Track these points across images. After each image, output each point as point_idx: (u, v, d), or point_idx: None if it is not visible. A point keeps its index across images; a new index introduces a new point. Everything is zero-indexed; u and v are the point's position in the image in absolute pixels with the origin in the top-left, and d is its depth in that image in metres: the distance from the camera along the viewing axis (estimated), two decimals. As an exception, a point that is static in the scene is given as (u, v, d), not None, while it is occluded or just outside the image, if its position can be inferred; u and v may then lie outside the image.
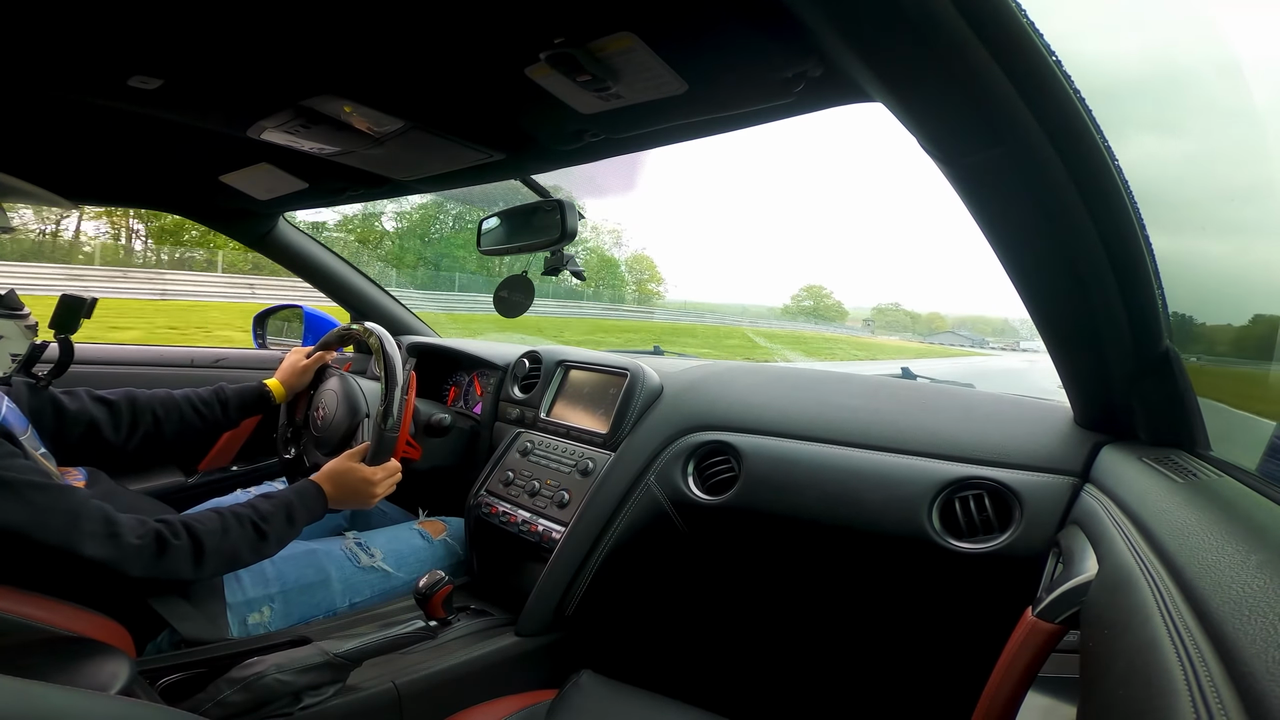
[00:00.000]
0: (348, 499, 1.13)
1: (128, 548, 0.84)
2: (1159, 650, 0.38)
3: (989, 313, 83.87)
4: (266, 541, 0.99)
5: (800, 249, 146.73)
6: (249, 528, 0.97)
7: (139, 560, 0.85)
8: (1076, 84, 0.54)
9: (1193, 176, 0.59)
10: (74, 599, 0.85)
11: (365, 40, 0.75)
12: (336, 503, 1.12)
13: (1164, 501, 0.60)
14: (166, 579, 0.89)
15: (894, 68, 0.57)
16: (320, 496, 1.09)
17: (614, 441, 1.31)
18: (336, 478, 1.12)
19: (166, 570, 0.87)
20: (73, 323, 1.16)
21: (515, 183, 1.26)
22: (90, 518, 0.83)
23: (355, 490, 1.13)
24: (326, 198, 1.53)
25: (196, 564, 0.90)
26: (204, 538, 0.92)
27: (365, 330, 1.28)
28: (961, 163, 0.63)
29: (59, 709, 0.41)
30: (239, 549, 0.96)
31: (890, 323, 67.40)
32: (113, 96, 0.93)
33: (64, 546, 0.80)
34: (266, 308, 2.08)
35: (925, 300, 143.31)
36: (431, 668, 1.04)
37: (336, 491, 1.12)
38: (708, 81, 0.76)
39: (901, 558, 1.01)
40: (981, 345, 43.97)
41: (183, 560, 0.89)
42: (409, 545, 1.30)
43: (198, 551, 0.91)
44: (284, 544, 1.03)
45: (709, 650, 1.35)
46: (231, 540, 0.95)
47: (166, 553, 0.88)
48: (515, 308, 1.24)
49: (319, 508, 1.09)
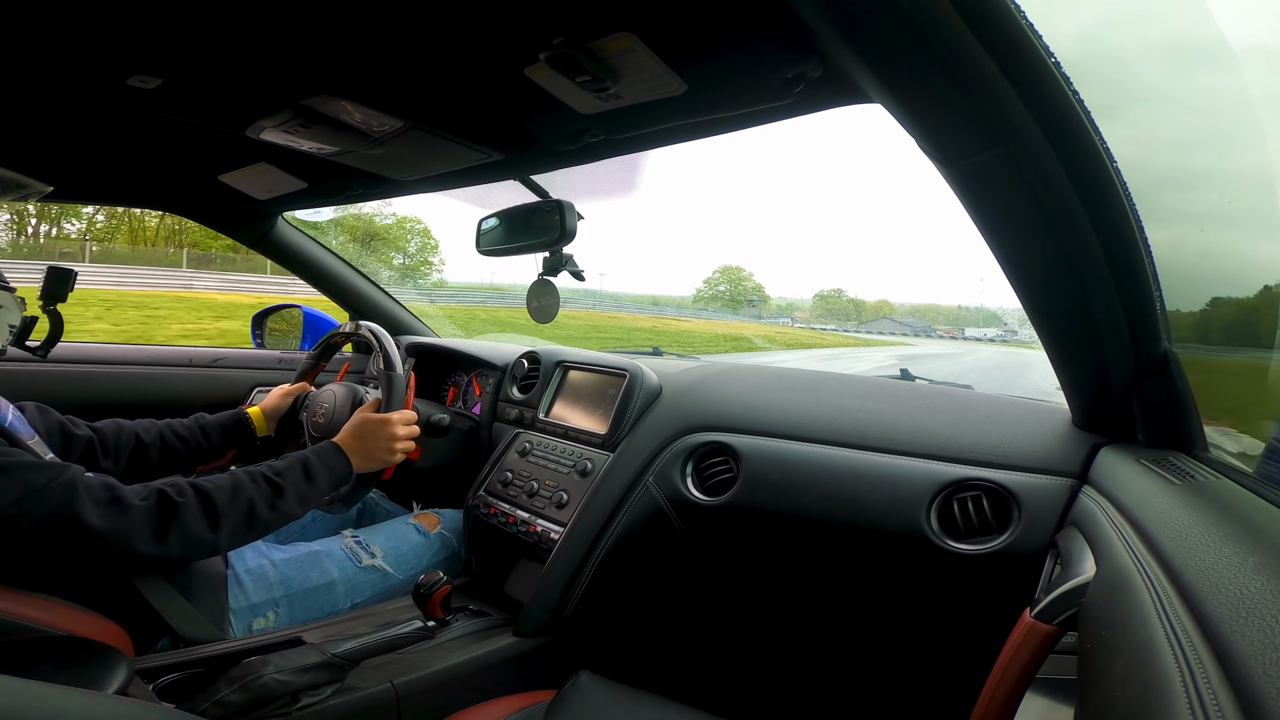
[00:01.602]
0: (371, 450, 1.08)
1: (133, 511, 0.80)
2: (1156, 652, 0.38)
3: (942, 301, 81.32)
4: (283, 496, 0.93)
5: (735, 238, 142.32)
6: (262, 482, 0.92)
7: (147, 526, 0.80)
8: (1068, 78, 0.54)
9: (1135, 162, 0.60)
10: (73, 600, 0.85)
11: (365, 40, 0.75)
12: (359, 456, 1.07)
13: (1162, 503, 0.60)
14: (183, 551, 0.83)
15: (894, 69, 0.57)
16: (338, 453, 1.05)
17: (613, 442, 1.31)
18: (354, 429, 1.08)
19: (181, 536, 0.82)
20: (61, 292, 1.17)
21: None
22: (90, 486, 0.79)
23: (375, 436, 1.08)
24: (326, 197, 1.53)
25: (211, 524, 0.84)
26: (213, 494, 0.86)
27: (358, 327, 1.28)
28: (961, 164, 0.63)
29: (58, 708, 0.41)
30: (254, 504, 0.89)
31: (832, 310, 62.05)
32: (112, 95, 0.93)
33: (67, 516, 0.76)
34: (265, 307, 2.07)
35: (874, 288, 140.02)
36: (429, 668, 1.04)
37: (357, 443, 1.07)
38: (707, 82, 0.76)
39: (900, 559, 1.01)
40: (926, 334, 42.80)
41: (194, 520, 0.83)
42: (408, 542, 1.30)
43: (208, 509, 0.85)
44: (306, 504, 0.98)
45: (708, 651, 1.35)
46: (245, 496, 0.89)
47: (175, 515, 0.82)
48: (546, 312, 1.24)
49: (340, 464, 1.04)
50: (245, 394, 1.75)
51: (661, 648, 1.34)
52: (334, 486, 1.04)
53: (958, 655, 0.98)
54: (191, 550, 0.85)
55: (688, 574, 1.29)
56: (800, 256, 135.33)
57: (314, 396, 1.35)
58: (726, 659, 1.34)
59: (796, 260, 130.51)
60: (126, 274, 17.70)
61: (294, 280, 1.97)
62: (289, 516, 0.95)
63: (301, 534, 1.34)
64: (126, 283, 16.58)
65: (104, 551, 0.79)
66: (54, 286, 1.17)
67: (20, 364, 1.18)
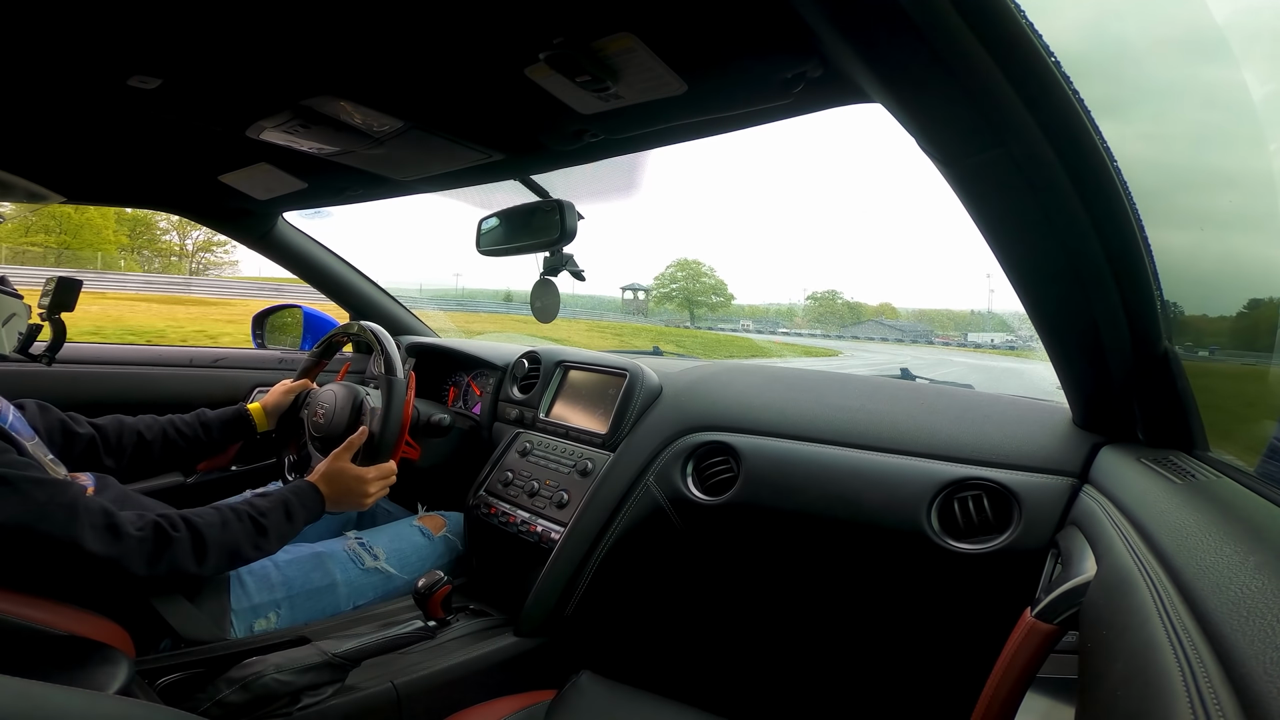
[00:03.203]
0: (342, 499, 1.12)
1: (129, 540, 0.84)
2: (1157, 651, 0.38)
3: (955, 306, 75.53)
4: (266, 537, 0.98)
5: (735, 239, 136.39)
6: (248, 522, 0.97)
7: (141, 554, 0.84)
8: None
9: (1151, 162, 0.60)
10: (74, 601, 0.85)
11: (364, 40, 0.75)
12: (333, 503, 1.11)
13: (1162, 503, 0.60)
14: (169, 577, 0.88)
15: (894, 68, 0.57)
16: (316, 495, 1.09)
17: (613, 442, 1.31)
18: (330, 477, 1.12)
19: (170, 565, 0.87)
20: (69, 301, 1.21)
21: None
22: (89, 510, 0.82)
23: (349, 490, 1.13)
24: (326, 197, 1.53)
25: (198, 558, 0.90)
26: (204, 530, 0.91)
27: (362, 329, 1.28)
28: (961, 164, 0.63)
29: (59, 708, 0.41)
30: (239, 542, 0.95)
31: (825, 314, 55.25)
32: (112, 96, 0.93)
33: (66, 539, 0.79)
34: (265, 307, 2.07)
35: (877, 292, 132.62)
36: (430, 668, 1.04)
37: (331, 491, 1.11)
38: (707, 82, 0.76)
39: (900, 558, 1.01)
40: (926, 339, 38.76)
41: (184, 553, 0.88)
42: (411, 544, 1.30)
43: (198, 544, 0.90)
44: (284, 541, 1.02)
45: (708, 651, 1.35)
46: (231, 534, 0.94)
47: (168, 546, 0.87)
48: (549, 312, 1.25)
49: (316, 506, 1.09)
50: (246, 394, 1.75)
51: (662, 648, 1.34)
52: (308, 523, 1.08)
53: (958, 655, 0.98)
54: (177, 578, 0.90)
55: (688, 574, 1.29)
56: (797, 259, 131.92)
57: (315, 395, 1.35)
58: (727, 659, 1.34)
59: (791, 263, 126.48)
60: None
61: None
62: (267, 554, 1.01)
63: (304, 534, 1.34)
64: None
65: (98, 572, 0.82)
66: (62, 295, 1.20)
67: (21, 365, 1.19)
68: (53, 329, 1.21)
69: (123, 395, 1.60)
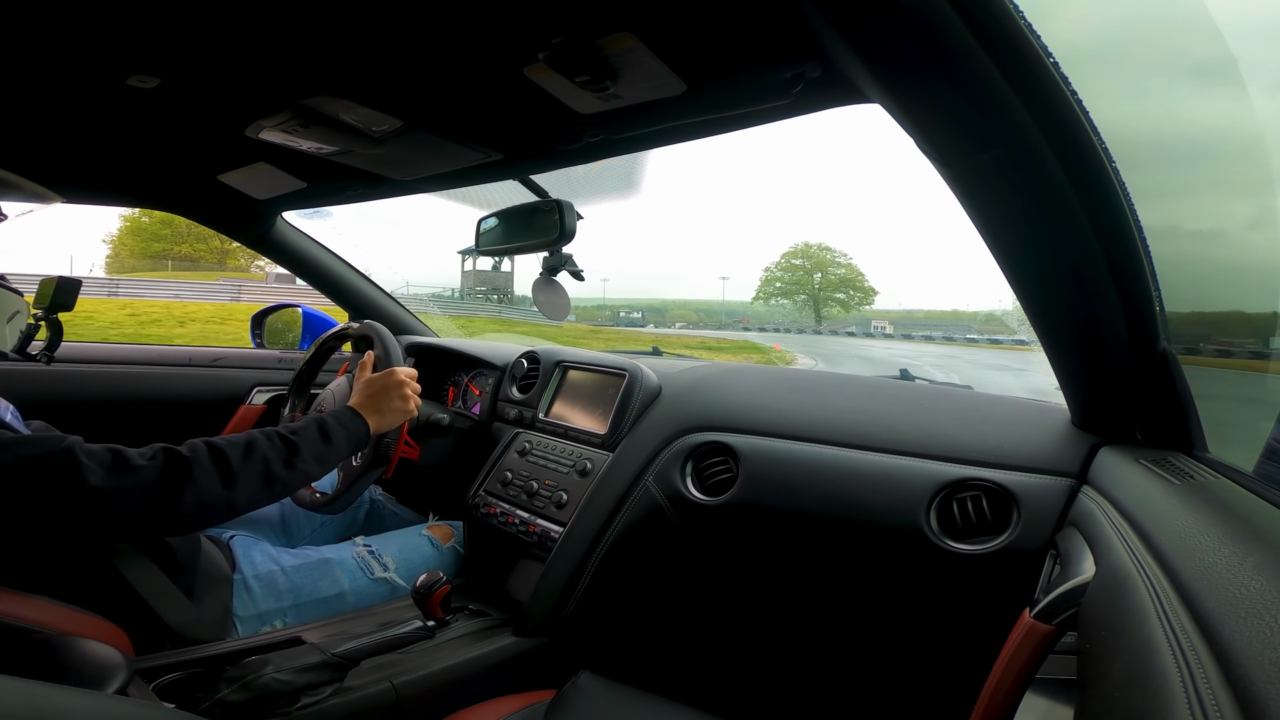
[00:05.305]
0: (383, 405, 1.04)
1: (140, 471, 0.74)
2: (1156, 652, 0.38)
3: (964, 308, 68.95)
4: (300, 455, 0.88)
5: (734, 240, 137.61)
6: (277, 440, 0.87)
7: (155, 486, 0.75)
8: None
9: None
10: (74, 601, 0.85)
11: (364, 40, 0.75)
12: (374, 414, 1.03)
13: (1161, 503, 0.60)
14: (199, 513, 0.77)
15: (893, 69, 0.57)
16: (354, 414, 1.01)
17: (612, 442, 1.31)
18: (363, 390, 1.05)
19: (195, 496, 0.76)
20: (69, 301, 1.21)
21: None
22: (91, 451, 0.74)
23: (385, 391, 1.05)
24: (325, 197, 1.53)
25: (225, 482, 0.79)
26: (226, 450, 0.81)
27: (365, 326, 1.28)
28: (960, 164, 0.63)
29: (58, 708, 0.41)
30: (270, 461, 0.84)
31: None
32: (111, 95, 0.92)
33: (64, 480, 0.71)
34: (265, 307, 2.07)
35: (882, 296, 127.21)
36: (430, 668, 1.04)
37: (369, 401, 1.04)
38: (707, 82, 0.76)
39: (899, 559, 1.01)
40: (926, 338, 34.89)
41: (207, 478, 0.78)
42: (420, 555, 1.30)
43: (222, 465, 0.79)
44: (325, 465, 0.93)
45: (708, 651, 1.35)
46: (260, 453, 0.83)
47: (187, 473, 0.77)
48: (557, 308, 1.23)
49: (357, 425, 1.00)
50: (245, 394, 1.75)
51: (662, 648, 1.34)
52: (353, 448, 1.00)
53: (957, 655, 0.98)
54: (208, 511, 0.79)
55: (688, 574, 1.29)
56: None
57: (320, 396, 1.35)
58: (727, 659, 1.34)
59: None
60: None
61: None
62: (308, 476, 0.90)
63: (312, 538, 1.34)
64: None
65: (109, 518, 0.73)
66: (61, 295, 1.20)
67: (20, 364, 1.19)
68: (50, 329, 1.20)
69: (122, 395, 1.60)
